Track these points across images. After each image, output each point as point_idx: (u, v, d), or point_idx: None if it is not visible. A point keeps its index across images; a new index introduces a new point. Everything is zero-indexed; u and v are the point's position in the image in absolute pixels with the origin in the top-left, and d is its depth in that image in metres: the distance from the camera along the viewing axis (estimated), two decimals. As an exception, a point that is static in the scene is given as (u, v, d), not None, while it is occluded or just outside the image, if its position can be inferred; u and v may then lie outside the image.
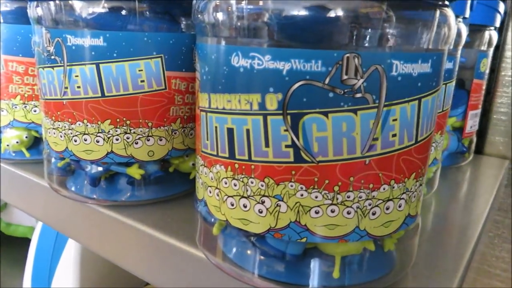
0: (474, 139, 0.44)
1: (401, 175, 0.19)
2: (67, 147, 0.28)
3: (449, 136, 0.41)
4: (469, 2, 0.29)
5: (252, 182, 0.19)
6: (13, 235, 0.81)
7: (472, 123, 0.42)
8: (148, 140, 0.28)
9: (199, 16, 0.20)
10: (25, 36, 0.33)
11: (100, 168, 0.28)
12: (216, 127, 0.19)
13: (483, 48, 0.40)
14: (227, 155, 0.19)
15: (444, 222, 0.31)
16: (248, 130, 0.18)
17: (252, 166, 0.18)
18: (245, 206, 0.19)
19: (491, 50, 0.41)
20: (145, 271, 0.27)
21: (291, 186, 0.18)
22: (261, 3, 0.17)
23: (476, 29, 0.39)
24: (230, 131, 0.19)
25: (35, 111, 0.35)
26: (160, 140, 0.28)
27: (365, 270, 0.21)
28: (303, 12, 0.17)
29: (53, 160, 0.30)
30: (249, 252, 0.21)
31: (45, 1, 0.25)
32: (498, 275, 0.51)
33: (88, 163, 0.28)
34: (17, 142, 0.35)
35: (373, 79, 0.17)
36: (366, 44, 0.17)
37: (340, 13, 0.17)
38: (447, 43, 0.19)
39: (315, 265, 0.20)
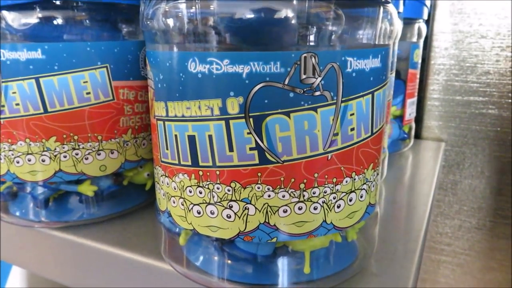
0: (413, 126, 0.47)
1: (360, 167, 0.19)
2: (8, 170, 0.26)
3: (391, 124, 0.43)
4: (402, -2, 0.31)
5: (218, 188, 0.18)
6: None
7: (410, 111, 0.45)
8: (99, 155, 0.26)
9: (148, 23, 0.19)
10: None
11: (45, 189, 0.26)
12: (176, 135, 0.19)
13: (414, 39, 0.43)
14: (189, 163, 0.19)
15: (396, 206, 0.32)
16: (210, 136, 0.18)
17: (217, 172, 0.18)
18: (212, 213, 0.19)
19: (421, 41, 0.44)
20: (108, 291, 0.26)
21: (258, 188, 0.18)
22: (211, 7, 0.17)
23: (407, 22, 0.42)
24: (192, 138, 0.18)
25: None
26: (112, 153, 0.27)
27: (333, 262, 0.21)
28: (252, 15, 0.17)
29: (-8, 184, 0.28)
30: (218, 258, 0.21)
31: (-30, 13, 0.23)
32: (443, 249, 0.55)
33: (34, 184, 0.26)
34: None
35: (330, 76, 0.17)
36: (321, 43, 0.17)
37: (289, 14, 0.17)
38: (392, 37, 0.20)
39: (285, 263, 0.20)
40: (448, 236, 0.54)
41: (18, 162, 0.25)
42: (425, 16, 0.43)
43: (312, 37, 0.17)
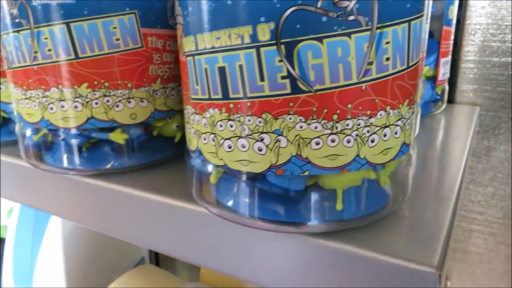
0: (447, 88, 0.45)
1: (395, 101, 0.19)
2: (43, 117, 0.26)
3: (423, 85, 0.42)
4: None
5: (249, 120, 0.18)
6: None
7: (444, 71, 0.43)
8: (129, 102, 0.27)
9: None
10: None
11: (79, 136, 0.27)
12: (206, 69, 0.19)
13: (450, -5, 0.41)
14: (220, 96, 0.19)
15: (427, 163, 0.32)
16: (241, 66, 0.18)
17: (248, 103, 0.18)
18: (243, 147, 0.19)
19: (457, -3, 0.42)
20: (143, 237, 0.26)
21: (290, 119, 0.18)
22: None
23: (442, -23, 0.40)
24: (222, 70, 0.18)
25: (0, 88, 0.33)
26: (142, 101, 0.27)
27: (364, 202, 0.21)
28: None
29: (28, 134, 0.29)
30: (249, 195, 0.20)
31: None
32: (475, 218, 0.53)
33: (68, 131, 0.27)
34: (-16, 124, 0.33)
35: (364, 0, 0.16)
36: (356, -37, 0.16)
37: None
38: (430, -35, 0.19)
39: (316, 200, 0.20)
40: (481, 205, 0.53)
41: (51, 109, 0.26)
42: (462, -30, 0.41)
43: (347, -43, 0.16)
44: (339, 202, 0.20)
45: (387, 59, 0.18)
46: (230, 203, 0.21)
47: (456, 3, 0.42)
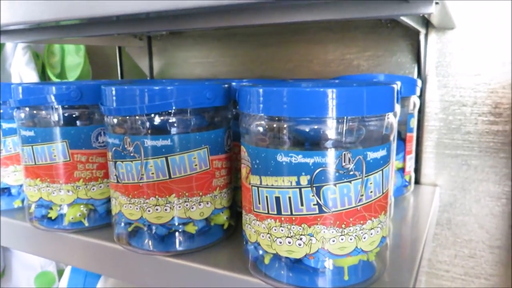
0: (413, 175, 0.60)
1: (377, 214, 0.32)
2: (141, 216, 0.39)
3: (395, 175, 0.56)
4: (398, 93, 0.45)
5: (293, 227, 0.31)
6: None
7: (409, 164, 0.58)
8: (200, 205, 0.39)
9: (246, 130, 0.33)
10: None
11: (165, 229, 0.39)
12: (266, 196, 0.32)
13: (411, 110, 0.56)
14: (275, 212, 0.32)
15: (400, 239, 0.45)
16: (289, 197, 0.31)
17: (293, 218, 0.31)
18: (289, 243, 0.32)
19: (416, 110, 0.58)
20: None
21: (318, 227, 0.31)
22: (299, 127, 0.31)
23: (405, 98, 0.55)
24: (277, 198, 0.32)
25: (93, 189, 0.45)
26: (207, 204, 0.40)
27: (360, 274, 0.34)
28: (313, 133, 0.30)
29: (122, 225, 0.41)
30: (289, 271, 0.33)
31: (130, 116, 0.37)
32: (443, 275, 0.66)
33: (157, 225, 0.39)
34: (79, 215, 0.45)
35: (358, 163, 0.31)
36: (352, 146, 0.31)
37: (335, 133, 0.30)
38: (391, 135, 0.34)
39: (330, 273, 0.33)
40: (446, 264, 0.66)
41: (149, 211, 0.39)
42: (418, 93, 0.57)
43: (347, 143, 0.30)
44: (346, 274, 0.32)
45: (371, 192, 0.32)
46: (275, 275, 0.34)
47: (416, 116, 0.58)
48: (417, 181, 0.65)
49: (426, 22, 0.59)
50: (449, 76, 0.61)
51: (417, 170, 0.64)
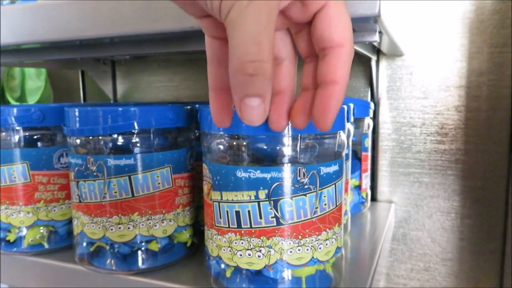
0: (369, 192, 0.63)
1: (331, 225, 0.35)
2: (104, 235, 0.39)
3: (352, 192, 0.59)
4: (348, 113, 0.48)
5: (253, 240, 0.33)
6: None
7: (365, 182, 0.61)
8: (163, 223, 0.40)
9: (207, 148, 0.35)
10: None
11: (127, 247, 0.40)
12: (227, 211, 0.34)
13: (365, 131, 0.60)
14: (235, 226, 0.33)
15: (357, 252, 0.47)
16: (249, 211, 0.33)
17: (253, 231, 0.33)
18: (249, 255, 0.33)
19: (370, 131, 0.62)
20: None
21: (276, 239, 0.33)
22: (257, 144, 0.33)
23: (358, 119, 0.59)
24: (237, 212, 0.33)
25: (54, 210, 0.45)
26: (170, 221, 0.41)
27: (318, 283, 0.36)
28: (269, 149, 0.32)
29: (84, 245, 0.41)
30: (251, 283, 0.34)
31: (93, 137, 0.38)
32: (401, 289, 0.69)
33: (120, 244, 0.40)
34: (39, 237, 0.45)
35: (312, 177, 0.33)
36: (306, 161, 0.33)
37: (290, 150, 0.33)
38: (344, 149, 0.36)
39: (289, 283, 0.34)
40: (404, 277, 0.69)
41: (111, 230, 0.39)
42: (371, 114, 0.61)
43: (301, 159, 0.33)
44: (303, 284, 0.34)
45: (325, 204, 0.34)
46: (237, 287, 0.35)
47: (370, 136, 0.62)
48: (373, 198, 0.68)
49: (377, 50, 0.64)
50: (400, 99, 0.66)
51: (373, 187, 0.68)
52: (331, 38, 0.23)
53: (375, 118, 0.66)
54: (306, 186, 0.33)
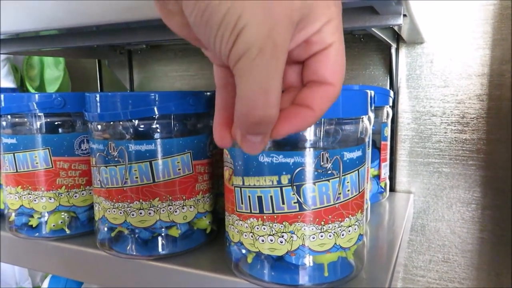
0: (388, 182, 0.62)
1: (354, 212, 0.34)
2: (125, 220, 0.39)
3: (371, 182, 0.58)
4: (371, 98, 0.47)
5: (275, 225, 0.33)
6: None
7: (384, 171, 0.60)
8: (183, 209, 0.40)
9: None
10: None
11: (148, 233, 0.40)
12: (249, 196, 0.33)
13: (384, 120, 0.59)
14: (258, 211, 0.33)
15: (376, 242, 0.47)
16: (271, 196, 0.32)
17: (275, 216, 0.33)
18: (271, 240, 0.33)
19: (389, 120, 0.61)
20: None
21: (298, 224, 0.32)
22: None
23: (378, 108, 0.58)
24: (260, 198, 0.33)
25: (75, 196, 0.46)
26: (190, 207, 0.41)
27: (340, 271, 0.35)
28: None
29: (105, 230, 0.41)
30: (273, 268, 0.34)
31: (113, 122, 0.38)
32: (418, 280, 0.68)
33: (141, 229, 0.40)
34: (61, 222, 0.45)
35: (335, 163, 0.32)
36: (330, 146, 0.32)
37: (314, 134, 0.32)
38: (366, 137, 0.36)
39: (311, 269, 0.34)
40: (422, 269, 0.68)
41: (133, 215, 0.39)
42: (391, 103, 0.60)
43: (324, 144, 0.32)
44: (325, 271, 0.34)
45: (348, 190, 0.33)
46: (259, 273, 0.35)
47: (389, 125, 0.61)
48: (392, 189, 0.67)
49: (397, 37, 0.63)
50: (419, 88, 0.65)
51: (392, 178, 0.67)
52: (324, 77, 0.23)
53: (394, 107, 0.65)
54: (329, 172, 0.32)
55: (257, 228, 0.33)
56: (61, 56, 0.78)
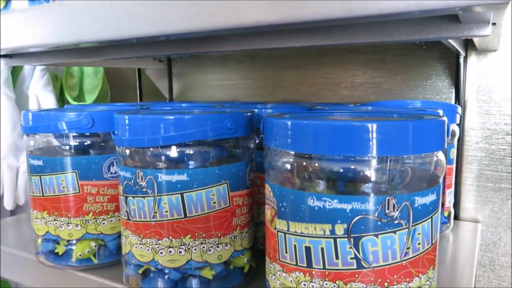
0: (452, 211, 0.54)
1: (425, 269, 0.28)
2: (153, 258, 0.35)
3: (433, 211, 0.51)
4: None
5: (326, 284, 0.27)
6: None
7: (449, 199, 0.52)
8: (218, 247, 0.35)
9: (273, 167, 0.29)
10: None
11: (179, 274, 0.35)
12: (295, 245, 0.28)
13: (450, 140, 0.51)
14: (305, 265, 0.27)
15: (442, 284, 0.39)
16: (322, 248, 0.27)
17: (326, 273, 0.27)
18: (321, 301, 0.27)
19: (455, 140, 0.53)
20: None
21: (355, 285, 0.26)
22: (334, 167, 0.27)
23: (443, 127, 0.50)
24: (308, 248, 0.27)
25: (103, 224, 0.42)
26: (226, 245, 0.36)
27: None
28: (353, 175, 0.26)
29: (132, 266, 0.37)
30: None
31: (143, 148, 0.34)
32: (485, 322, 0.60)
33: (170, 269, 0.35)
34: (88, 251, 0.42)
35: (404, 210, 0.26)
36: (397, 190, 0.26)
37: (377, 175, 0.26)
38: (441, 176, 0.29)
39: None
40: (490, 309, 0.59)
41: (161, 253, 0.35)
42: (458, 120, 0.52)
43: (391, 187, 0.26)
44: None
45: (419, 243, 0.27)
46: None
47: (456, 145, 0.53)
48: (455, 217, 0.59)
49: (466, 43, 0.55)
50: (491, 101, 0.56)
51: (456, 204, 0.59)
52: None
53: (460, 124, 0.57)
54: (396, 222, 0.26)
55: (304, 285, 0.28)
56: (101, 65, 0.76)
